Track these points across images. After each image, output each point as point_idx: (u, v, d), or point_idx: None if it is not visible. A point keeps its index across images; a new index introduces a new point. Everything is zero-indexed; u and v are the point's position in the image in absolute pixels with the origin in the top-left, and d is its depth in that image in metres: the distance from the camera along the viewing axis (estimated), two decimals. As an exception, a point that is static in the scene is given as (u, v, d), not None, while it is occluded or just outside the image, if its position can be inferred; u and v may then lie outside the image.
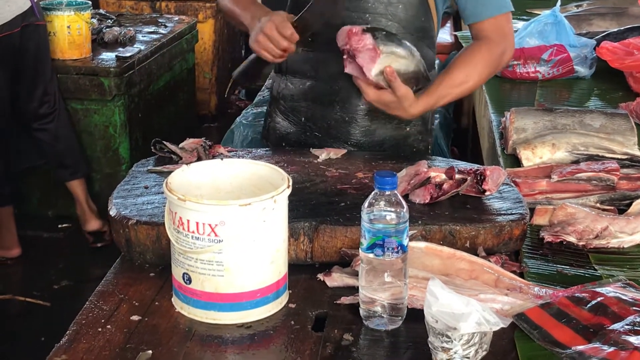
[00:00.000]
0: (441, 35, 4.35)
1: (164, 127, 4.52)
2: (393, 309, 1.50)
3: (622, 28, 3.32)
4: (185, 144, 2.05)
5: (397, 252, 1.47)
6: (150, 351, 1.45)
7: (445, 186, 1.82)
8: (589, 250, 1.82)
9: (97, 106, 4.10)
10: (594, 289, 1.57)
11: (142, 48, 4.34)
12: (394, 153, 2.18)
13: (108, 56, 4.18)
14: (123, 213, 1.73)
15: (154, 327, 1.52)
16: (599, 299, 1.52)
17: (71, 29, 4.04)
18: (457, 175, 1.84)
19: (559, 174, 2.07)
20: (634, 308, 1.50)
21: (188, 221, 1.49)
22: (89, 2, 4.16)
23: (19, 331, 3.49)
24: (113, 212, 1.74)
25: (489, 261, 1.66)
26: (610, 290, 1.56)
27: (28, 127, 3.95)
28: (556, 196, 2.04)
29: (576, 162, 2.17)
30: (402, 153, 2.20)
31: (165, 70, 4.59)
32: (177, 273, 1.55)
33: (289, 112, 2.26)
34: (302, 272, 1.68)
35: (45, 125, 3.93)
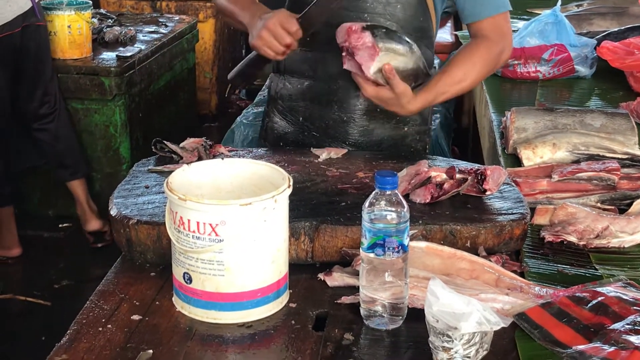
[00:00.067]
0: (442, 34, 4.39)
1: (165, 127, 4.52)
2: (394, 309, 1.50)
3: (623, 28, 3.32)
4: (185, 144, 2.05)
5: (398, 252, 1.47)
6: (150, 351, 1.45)
7: (445, 186, 1.82)
8: (590, 250, 1.82)
9: (98, 106, 4.10)
10: (595, 289, 1.57)
11: (143, 48, 4.34)
12: (392, 153, 2.18)
13: (108, 56, 4.18)
14: (124, 213, 1.73)
15: (155, 327, 1.52)
16: (600, 299, 1.52)
17: (72, 29, 4.04)
18: (458, 174, 1.84)
19: (560, 174, 2.06)
20: (635, 308, 1.50)
21: (189, 221, 1.49)
22: (90, 2, 4.16)
23: (20, 331, 3.49)
24: (114, 212, 1.74)
25: (490, 261, 1.66)
26: (610, 289, 1.56)
27: (28, 127, 3.95)
28: (557, 196, 2.04)
29: (577, 162, 2.17)
30: (401, 153, 2.20)
31: (165, 69, 4.59)
32: (178, 273, 1.55)
33: (287, 112, 2.25)
34: (303, 272, 1.68)
35: (45, 125, 3.93)
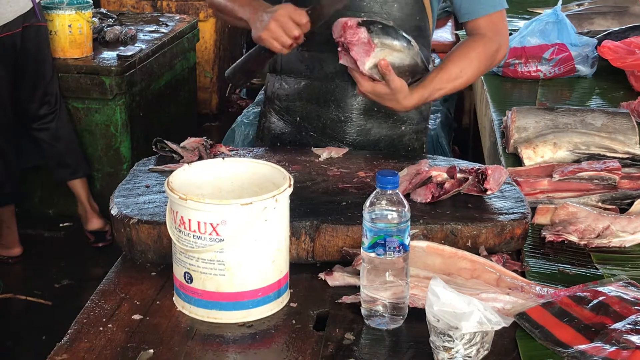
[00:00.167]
0: (442, 34, 4.39)
1: (165, 126, 4.52)
2: (394, 308, 1.50)
3: (624, 27, 3.32)
4: (186, 143, 2.05)
5: (399, 251, 1.47)
6: (151, 350, 1.45)
7: (446, 185, 1.82)
8: (591, 249, 1.82)
9: (98, 105, 4.10)
10: (596, 288, 1.57)
11: (143, 47, 4.34)
12: (392, 152, 2.17)
13: (109, 55, 4.18)
14: (124, 212, 1.73)
15: (155, 326, 1.52)
16: (601, 298, 1.52)
17: (72, 28, 4.04)
18: (459, 174, 1.84)
19: (561, 173, 2.06)
20: (636, 307, 1.50)
21: (189, 220, 1.49)
22: (90, 1, 4.16)
23: (20, 330, 3.49)
24: (114, 211, 1.74)
25: (491, 260, 1.66)
26: (611, 289, 1.56)
27: (29, 127, 3.95)
28: (558, 195, 2.04)
29: (577, 161, 2.17)
30: (398, 152, 2.20)
31: (166, 69, 4.58)
32: (179, 272, 1.55)
33: (284, 112, 2.24)
34: (304, 271, 1.68)
35: (45, 125, 3.93)
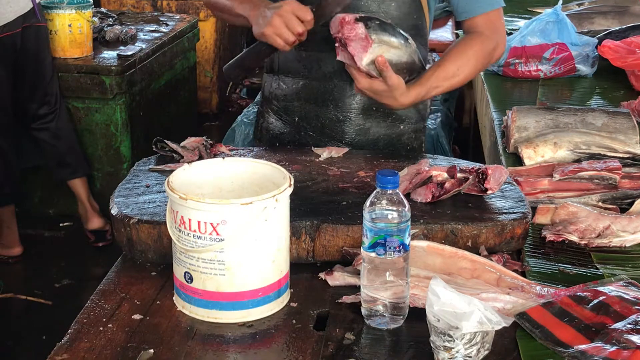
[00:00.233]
0: (442, 33, 4.39)
1: (165, 126, 4.53)
2: (395, 308, 1.50)
3: (624, 26, 3.32)
4: (186, 143, 2.05)
5: (399, 251, 1.47)
6: (151, 350, 1.45)
7: (447, 185, 1.82)
8: (591, 249, 1.82)
9: (99, 105, 4.10)
10: (596, 288, 1.57)
11: (144, 47, 4.34)
12: (389, 151, 2.17)
13: (109, 55, 4.18)
14: (124, 212, 1.72)
15: (156, 326, 1.52)
16: (601, 298, 1.52)
17: (72, 28, 4.04)
18: (459, 174, 1.84)
19: (561, 173, 2.06)
20: (636, 307, 1.49)
21: (190, 220, 1.49)
22: (90, 1, 4.16)
23: (21, 330, 3.49)
24: (114, 211, 1.74)
25: (491, 260, 1.66)
26: (612, 289, 1.56)
27: (28, 127, 3.95)
28: (558, 195, 2.04)
29: (578, 161, 2.17)
30: (397, 151, 2.19)
31: (166, 68, 4.58)
32: (179, 272, 1.55)
33: (282, 112, 2.24)
34: (304, 271, 1.68)
35: (45, 124, 3.94)
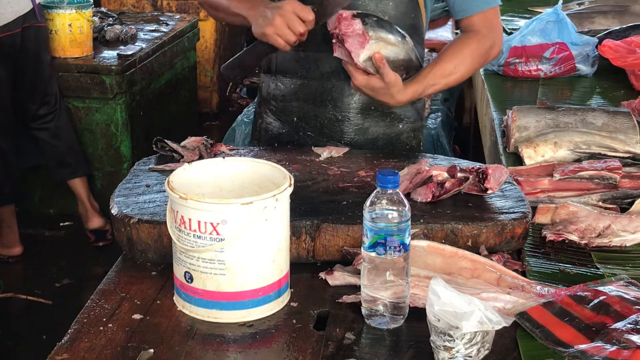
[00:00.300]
0: (442, 33, 4.39)
1: (166, 126, 4.53)
2: (395, 308, 1.50)
3: (624, 26, 3.32)
4: (186, 142, 2.05)
5: (399, 251, 1.47)
6: (151, 350, 1.44)
7: (447, 185, 1.82)
8: (591, 248, 1.82)
9: (99, 104, 4.10)
10: (596, 288, 1.57)
11: (144, 46, 4.34)
12: (390, 151, 2.17)
13: (109, 54, 4.18)
14: (125, 211, 1.72)
15: (156, 326, 1.52)
16: (602, 298, 1.52)
17: (73, 27, 4.04)
18: (459, 173, 1.84)
19: (561, 173, 2.06)
20: (637, 307, 1.49)
21: (190, 220, 1.49)
22: (91, 1, 4.16)
23: (21, 330, 3.49)
24: (115, 211, 1.74)
25: (491, 260, 1.66)
26: (612, 289, 1.56)
27: (28, 127, 3.95)
28: (558, 195, 2.04)
29: (578, 161, 2.17)
30: (396, 150, 2.19)
31: (166, 68, 4.58)
32: (179, 272, 1.55)
33: (281, 113, 2.23)
34: (304, 271, 1.68)
35: (45, 124, 3.94)
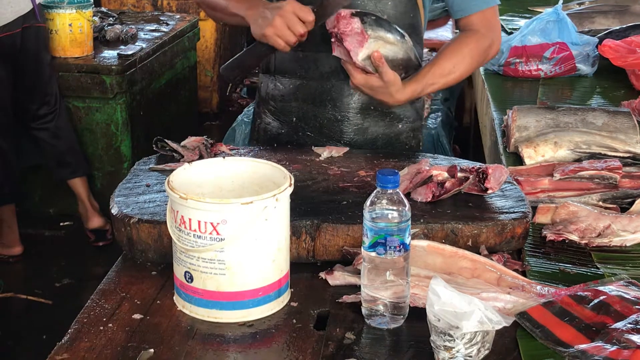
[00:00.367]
0: (443, 32, 4.39)
1: (166, 125, 4.53)
2: (395, 308, 1.50)
3: (625, 26, 3.32)
4: (187, 142, 2.05)
5: (399, 251, 1.47)
6: (152, 350, 1.44)
7: (447, 184, 1.82)
8: (592, 248, 1.82)
9: (99, 104, 4.11)
10: (597, 288, 1.57)
11: (144, 46, 4.34)
12: (390, 151, 2.17)
13: (110, 54, 4.18)
14: (125, 211, 1.72)
15: (156, 326, 1.52)
16: (602, 298, 1.52)
17: (73, 27, 4.05)
18: (459, 173, 1.84)
19: (561, 172, 2.06)
20: (637, 307, 1.49)
21: (190, 220, 1.49)
22: (91, 0, 4.16)
23: (21, 329, 3.49)
24: (115, 211, 1.74)
25: (491, 259, 1.66)
26: (612, 288, 1.56)
27: (28, 126, 3.95)
28: (558, 194, 2.04)
29: (578, 161, 2.17)
30: (396, 150, 2.19)
31: (166, 68, 4.58)
32: (179, 271, 1.55)
33: (280, 113, 2.23)
34: (304, 271, 1.68)
35: (45, 124, 3.94)
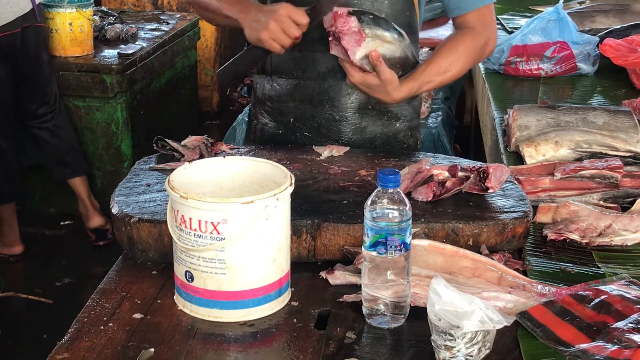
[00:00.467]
0: (443, 32, 4.39)
1: (166, 124, 4.53)
2: (396, 307, 1.50)
3: (625, 25, 3.32)
4: (187, 142, 2.05)
5: (400, 250, 1.47)
6: (152, 349, 1.44)
7: (448, 184, 1.82)
8: (592, 248, 1.82)
9: (99, 103, 4.11)
10: (598, 287, 1.57)
11: (144, 45, 4.34)
12: (390, 150, 2.17)
13: (110, 53, 4.18)
14: (125, 211, 1.72)
15: (156, 325, 1.52)
16: (603, 297, 1.52)
17: (73, 26, 4.04)
18: (460, 172, 1.84)
19: (562, 172, 2.06)
20: (638, 306, 1.49)
21: (190, 219, 1.48)
22: (91, -1, 4.17)
23: (21, 329, 3.49)
24: (115, 210, 1.74)
25: (492, 259, 1.66)
26: (613, 288, 1.56)
27: (28, 126, 3.95)
28: (559, 194, 2.04)
29: (579, 160, 2.17)
30: (393, 149, 2.19)
31: (167, 67, 4.58)
32: (180, 271, 1.55)
33: (277, 114, 2.22)
34: (305, 270, 1.68)
35: (44, 124, 3.94)
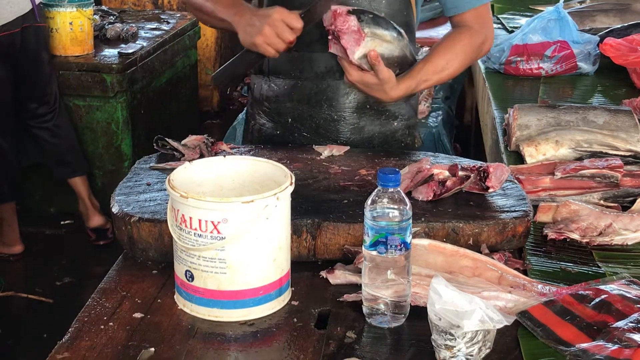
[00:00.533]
0: (443, 31, 4.38)
1: (166, 124, 4.52)
2: (396, 307, 1.50)
3: (626, 24, 3.32)
4: (187, 141, 2.05)
5: (400, 250, 1.47)
6: (152, 349, 1.44)
7: (448, 183, 1.82)
8: (593, 247, 1.82)
9: (100, 103, 4.11)
10: (598, 287, 1.57)
11: (145, 44, 4.34)
12: (387, 149, 2.17)
13: (110, 53, 4.18)
14: (125, 210, 1.72)
15: (157, 325, 1.52)
16: (603, 297, 1.52)
17: (73, 26, 4.04)
18: (460, 172, 1.84)
19: (563, 171, 2.06)
20: (638, 305, 1.49)
21: (190, 218, 1.48)
22: (92, -1, 4.17)
23: (21, 328, 3.49)
24: (115, 209, 1.74)
25: (493, 258, 1.66)
26: (614, 287, 1.56)
27: (28, 125, 3.95)
28: (560, 193, 2.04)
29: (579, 159, 2.17)
30: (391, 148, 2.19)
31: (167, 66, 4.58)
32: (180, 270, 1.55)
33: (275, 114, 2.22)
34: (305, 270, 1.67)
35: (44, 123, 3.94)
